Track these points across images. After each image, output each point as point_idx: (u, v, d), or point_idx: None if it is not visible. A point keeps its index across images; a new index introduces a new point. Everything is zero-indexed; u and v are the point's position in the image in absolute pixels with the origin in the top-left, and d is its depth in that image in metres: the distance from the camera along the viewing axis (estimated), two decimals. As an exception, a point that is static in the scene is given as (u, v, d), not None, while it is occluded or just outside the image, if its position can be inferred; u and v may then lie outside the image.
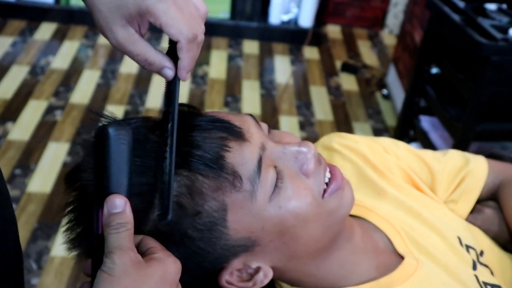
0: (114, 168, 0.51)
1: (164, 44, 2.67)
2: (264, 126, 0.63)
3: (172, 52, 0.56)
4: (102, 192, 0.51)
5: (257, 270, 0.61)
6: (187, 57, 0.55)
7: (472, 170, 0.84)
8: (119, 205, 0.51)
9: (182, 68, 0.55)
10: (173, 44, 0.55)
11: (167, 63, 0.55)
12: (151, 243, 0.54)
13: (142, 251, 0.52)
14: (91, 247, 0.52)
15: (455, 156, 0.86)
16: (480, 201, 0.86)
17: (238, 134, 0.58)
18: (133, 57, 0.55)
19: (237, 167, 0.56)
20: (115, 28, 0.53)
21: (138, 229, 0.53)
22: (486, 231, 0.82)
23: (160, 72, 0.56)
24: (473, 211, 0.84)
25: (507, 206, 0.82)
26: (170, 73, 0.56)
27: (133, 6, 0.51)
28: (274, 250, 0.60)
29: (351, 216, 0.72)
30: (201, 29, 0.55)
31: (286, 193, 0.58)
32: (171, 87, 0.57)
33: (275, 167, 0.59)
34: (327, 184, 0.62)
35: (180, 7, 0.53)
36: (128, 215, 0.51)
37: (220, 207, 0.56)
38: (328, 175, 0.63)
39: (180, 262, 0.53)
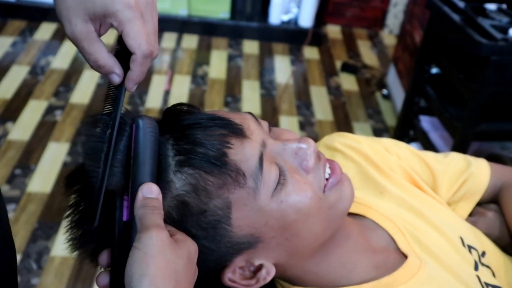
0: (143, 157, 0.53)
1: (164, 44, 2.68)
2: (265, 124, 0.63)
3: (122, 58, 0.56)
4: (132, 179, 0.53)
5: (260, 267, 0.61)
6: (138, 71, 0.55)
7: (474, 173, 0.84)
8: (155, 191, 0.52)
9: (131, 79, 0.56)
10: (126, 52, 0.55)
11: (116, 69, 0.56)
12: (168, 226, 0.54)
13: None
14: (113, 236, 0.52)
15: (457, 158, 0.86)
16: (480, 204, 0.85)
17: (238, 131, 0.58)
18: (84, 54, 0.55)
19: (240, 164, 0.56)
20: (75, 20, 0.53)
21: None
22: (488, 235, 0.82)
23: (107, 76, 0.56)
24: (473, 213, 0.84)
25: (508, 210, 0.82)
26: (117, 79, 0.56)
27: (100, 6, 0.52)
28: (276, 246, 0.60)
29: (353, 214, 0.73)
30: (156, 46, 0.56)
31: (287, 188, 0.58)
32: (116, 92, 0.56)
33: (276, 163, 0.59)
34: (327, 179, 0.62)
35: (145, 20, 0.54)
36: (161, 203, 0.52)
37: (224, 204, 0.56)
38: (328, 171, 0.63)
39: None
